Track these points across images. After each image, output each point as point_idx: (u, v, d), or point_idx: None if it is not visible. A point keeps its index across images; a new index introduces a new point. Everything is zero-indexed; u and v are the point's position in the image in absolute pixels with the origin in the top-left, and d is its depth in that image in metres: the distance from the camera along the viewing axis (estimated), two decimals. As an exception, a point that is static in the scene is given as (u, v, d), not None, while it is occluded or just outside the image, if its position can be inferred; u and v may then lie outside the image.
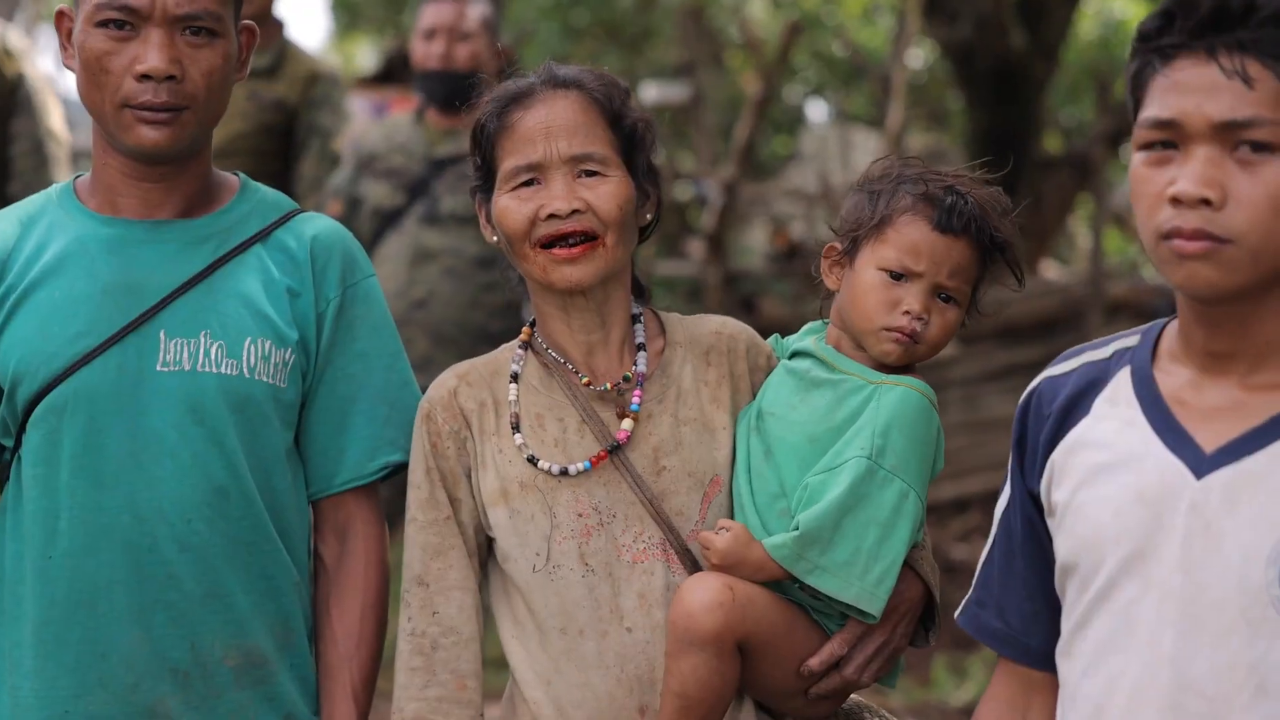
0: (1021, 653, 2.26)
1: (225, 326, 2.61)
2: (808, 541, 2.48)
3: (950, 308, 2.59)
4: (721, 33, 16.62)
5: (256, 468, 2.61)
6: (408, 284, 5.46)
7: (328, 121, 6.05)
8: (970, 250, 2.58)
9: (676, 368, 2.64)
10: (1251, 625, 1.97)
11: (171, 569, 2.58)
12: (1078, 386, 2.18)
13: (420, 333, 5.41)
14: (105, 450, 2.57)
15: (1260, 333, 2.05)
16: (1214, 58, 1.98)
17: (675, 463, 2.58)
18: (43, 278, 2.60)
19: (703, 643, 2.46)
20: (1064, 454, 2.16)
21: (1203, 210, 1.96)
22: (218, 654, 2.61)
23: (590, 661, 2.55)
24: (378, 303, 2.76)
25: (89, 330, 2.58)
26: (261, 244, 2.68)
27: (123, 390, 2.57)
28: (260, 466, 2.62)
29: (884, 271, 2.58)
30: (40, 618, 2.58)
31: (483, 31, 5.66)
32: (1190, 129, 1.98)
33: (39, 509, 2.58)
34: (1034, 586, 2.23)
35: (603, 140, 2.57)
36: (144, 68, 2.54)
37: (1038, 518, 2.21)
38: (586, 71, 2.63)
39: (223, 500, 2.59)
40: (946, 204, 2.57)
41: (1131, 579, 2.06)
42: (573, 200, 2.53)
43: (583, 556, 2.55)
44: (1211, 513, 2.01)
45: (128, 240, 2.63)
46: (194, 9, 2.57)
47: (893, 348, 2.57)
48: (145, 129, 2.57)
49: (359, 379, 2.70)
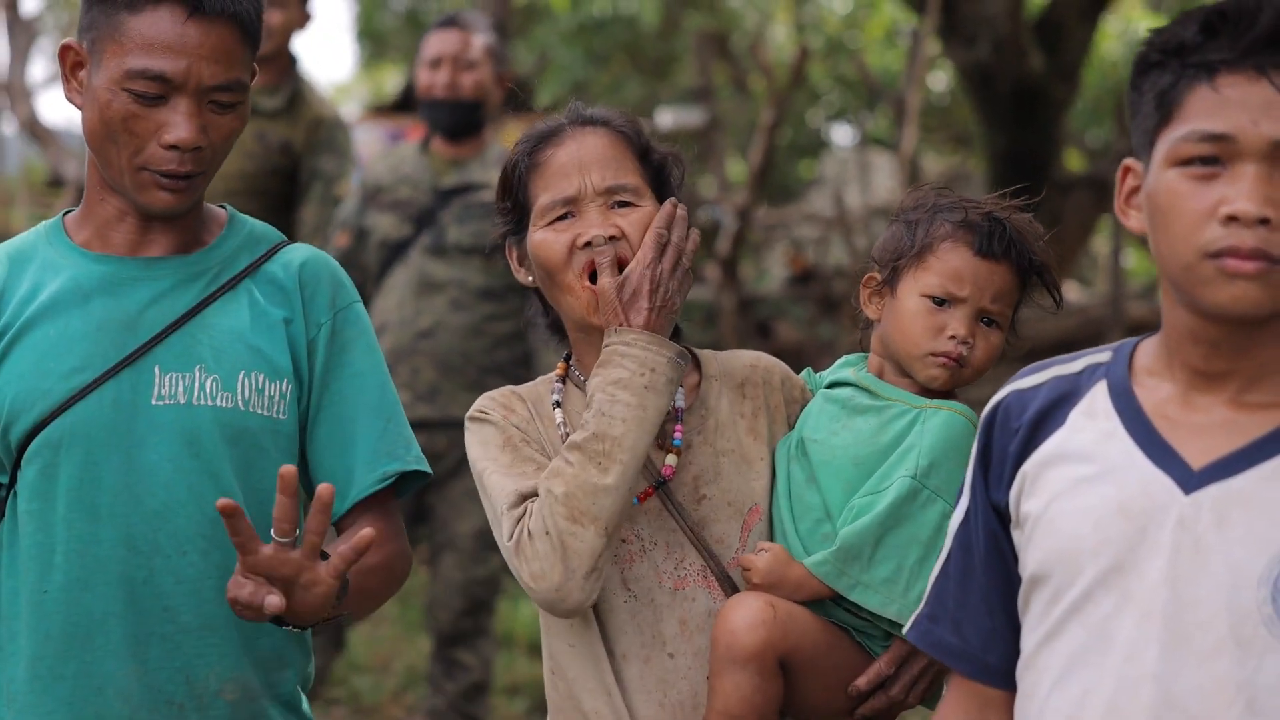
0: (979, 669, 2.23)
1: (219, 360, 2.63)
2: (849, 557, 2.52)
3: (993, 331, 2.63)
4: (744, 58, 16.63)
5: (252, 500, 2.61)
6: (414, 314, 5.49)
7: (330, 166, 6.09)
8: (1011, 274, 2.63)
9: (713, 400, 2.69)
10: (1241, 644, 1.96)
11: (167, 602, 2.60)
12: (1048, 399, 2.17)
13: (427, 362, 5.44)
14: (101, 484, 2.59)
15: (1258, 354, 2.05)
16: (1264, 75, 1.97)
17: (715, 492, 2.63)
18: (38, 316, 2.62)
19: (745, 660, 2.49)
20: (1037, 465, 2.14)
21: (1260, 230, 1.95)
22: (213, 687, 2.63)
23: (633, 686, 2.59)
24: (367, 325, 2.79)
25: (84, 366, 2.60)
26: (252, 277, 2.71)
27: (118, 425, 2.59)
28: (256, 499, 2.62)
29: (927, 298, 2.62)
30: (35, 652, 2.60)
31: (487, 60, 5.70)
32: (1245, 146, 1.96)
33: (34, 544, 2.60)
34: (994, 602, 2.21)
35: (634, 172, 2.64)
36: (174, 139, 2.55)
37: (1001, 531, 2.20)
38: (611, 111, 2.71)
39: (217, 533, 2.57)
40: (986, 230, 2.62)
41: (1109, 592, 2.04)
42: (608, 227, 2.59)
43: (625, 582, 2.61)
44: (1201, 529, 2.00)
45: (121, 277, 2.65)
46: (226, 79, 2.59)
47: (939, 372, 2.62)
48: (162, 194, 2.60)
49: (357, 398, 2.72)
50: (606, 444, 2.50)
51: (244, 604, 2.38)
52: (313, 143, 6.12)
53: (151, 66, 2.54)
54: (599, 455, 2.49)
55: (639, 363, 2.51)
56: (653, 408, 2.51)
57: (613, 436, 2.50)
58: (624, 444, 2.49)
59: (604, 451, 2.49)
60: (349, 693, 6.88)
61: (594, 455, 2.49)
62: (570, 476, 2.49)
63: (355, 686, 6.93)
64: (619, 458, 2.49)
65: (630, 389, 2.50)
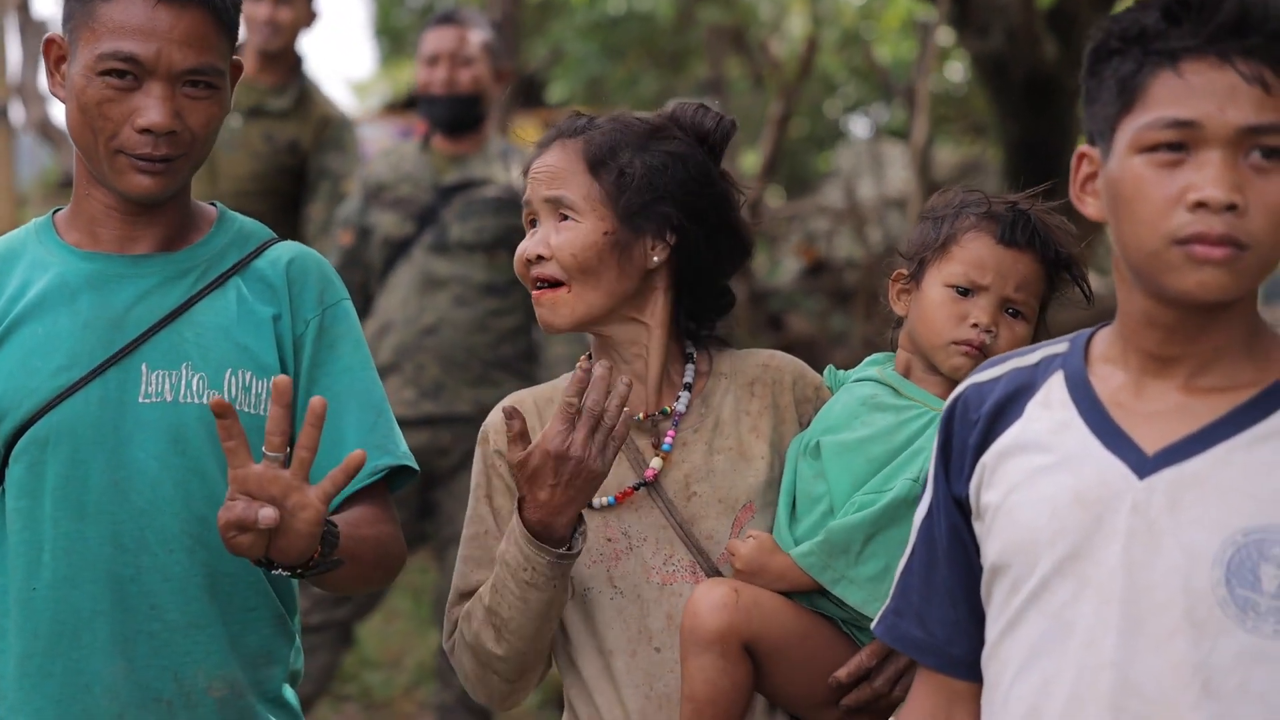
0: (944, 662, 2.23)
1: (206, 358, 2.63)
2: (835, 550, 2.53)
3: (1018, 323, 2.64)
4: (758, 51, 16.62)
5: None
6: (418, 311, 5.50)
7: (337, 165, 6.13)
8: (1035, 265, 2.63)
9: (718, 398, 2.70)
10: (1196, 626, 1.97)
11: (154, 599, 2.60)
12: (1006, 392, 2.17)
13: (431, 359, 5.45)
14: (88, 482, 2.59)
15: (1211, 339, 2.05)
16: (1229, 62, 1.97)
17: (705, 489, 2.65)
18: (26, 314, 2.63)
19: (708, 643, 2.51)
20: (995, 457, 2.15)
21: (1227, 216, 1.95)
22: (201, 684, 2.63)
23: (621, 680, 2.62)
24: (354, 321, 2.79)
25: (71, 364, 2.60)
26: (240, 275, 2.71)
27: (105, 422, 2.59)
28: None
29: (951, 288, 2.64)
30: (24, 650, 2.60)
31: (485, 56, 5.71)
32: (1211, 132, 1.96)
33: (22, 541, 2.60)
34: (958, 595, 2.21)
35: (576, 185, 2.64)
36: (146, 122, 2.55)
37: (962, 523, 2.20)
38: (613, 119, 2.70)
39: (205, 531, 2.60)
40: (1010, 219, 2.63)
41: (1066, 580, 2.05)
42: (540, 246, 2.65)
43: (611, 579, 2.64)
44: (1155, 513, 2.00)
45: (108, 274, 2.65)
46: (198, 63, 2.58)
47: (963, 361, 2.62)
48: (139, 177, 2.59)
49: (346, 393, 2.71)
50: (497, 620, 2.57)
51: (236, 522, 2.34)
52: (320, 141, 6.15)
53: (121, 48, 2.55)
54: (493, 626, 2.59)
55: (524, 557, 2.52)
56: (535, 600, 2.53)
57: (502, 617, 2.57)
58: (510, 626, 2.56)
59: (496, 626, 2.58)
60: (360, 688, 6.90)
61: (490, 623, 2.59)
62: (474, 631, 2.61)
63: (367, 682, 6.95)
64: (506, 636, 2.57)
65: (515, 578, 2.53)
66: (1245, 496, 1.99)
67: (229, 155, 6.10)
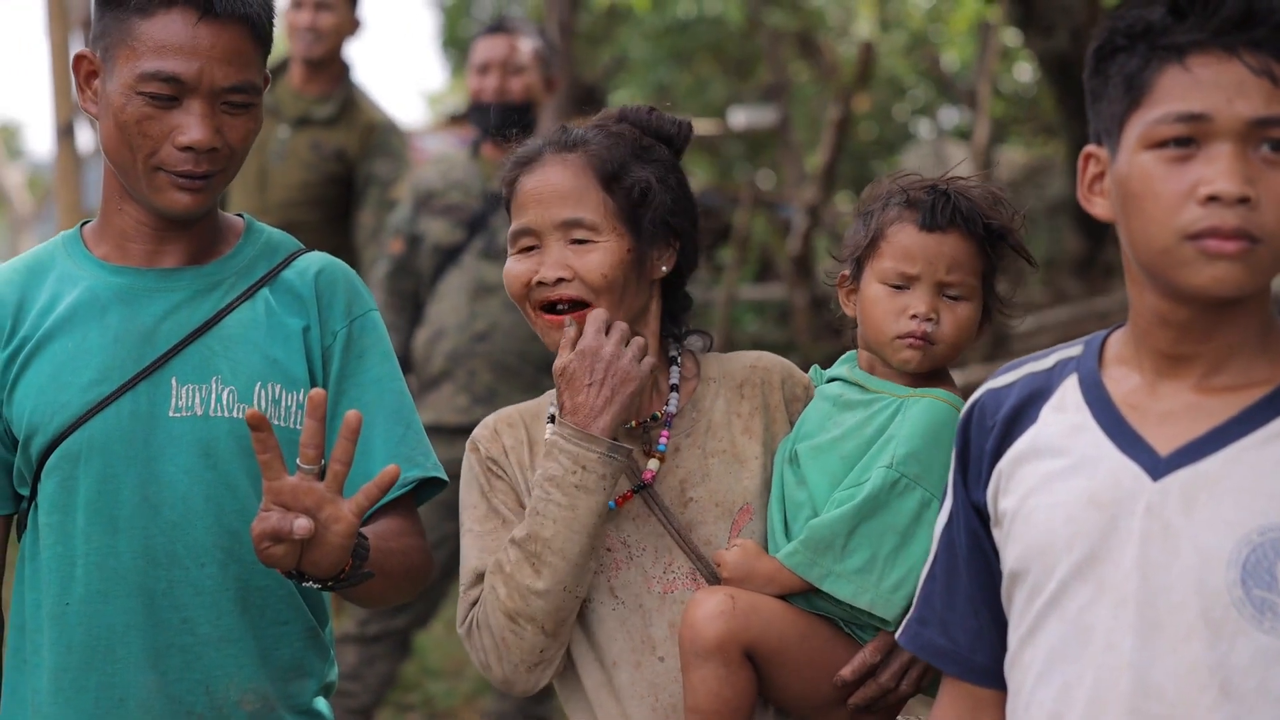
0: (968, 670, 2.23)
1: (236, 371, 2.63)
2: (820, 547, 2.51)
3: (959, 304, 2.61)
4: (827, 55, 16.58)
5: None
6: (469, 318, 5.49)
7: (385, 170, 6.13)
8: (964, 243, 2.60)
9: (708, 402, 2.69)
10: (1212, 627, 1.95)
11: (186, 613, 2.60)
12: (1021, 397, 2.16)
13: (483, 365, 5.44)
14: (119, 496, 2.59)
15: (1224, 336, 2.03)
16: (1236, 56, 1.95)
17: (702, 494, 2.63)
18: (56, 329, 2.63)
19: (708, 653, 2.49)
20: (1011, 462, 2.13)
21: (1239, 209, 1.93)
22: (233, 697, 2.63)
23: (625, 692, 2.59)
24: (383, 332, 2.79)
25: (102, 378, 2.60)
26: (268, 287, 2.70)
27: (136, 436, 2.60)
28: None
29: (885, 284, 2.62)
30: (58, 664, 2.61)
31: (535, 64, 5.70)
32: (1221, 125, 1.95)
33: (55, 556, 2.61)
34: (979, 602, 2.20)
35: (593, 205, 2.62)
36: (188, 140, 2.55)
37: (982, 530, 2.19)
38: (599, 128, 2.69)
39: (236, 544, 2.61)
40: (929, 203, 2.60)
41: (1084, 584, 2.03)
42: (559, 269, 2.60)
43: (612, 590, 2.61)
44: (1169, 514, 1.99)
45: (138, 289, 2.66)
46: (239, 80, 2.58)
47: (910, 354, 2.60)
48: (179, 194, 2.60)
49: (375, 404, 2.71)
50: (538, 545, 2.51)
51: (271, 533, 2.33)
52: (367, 148, 6.16)
53: (164, 68, 2.54)
54: (531, 557, 2.51)
55: (571, 459, 2.51)
56: (584, 508, 2.51)
57: (543, 538, 2.51)
58: (554, 546, 2.50)
59: (535, 553, 2.51)
60: (423, 698, 6.91)
61: (528, 556, 2.52)
62: (507, 577, 2.53)
63: (429, 692, 6.95)
64: (549, 560, 2.51)
65: (561, 487, 2.51)
66: (1260, 496, 1.96)
67: (277, 165, 6.13)
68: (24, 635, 2.65)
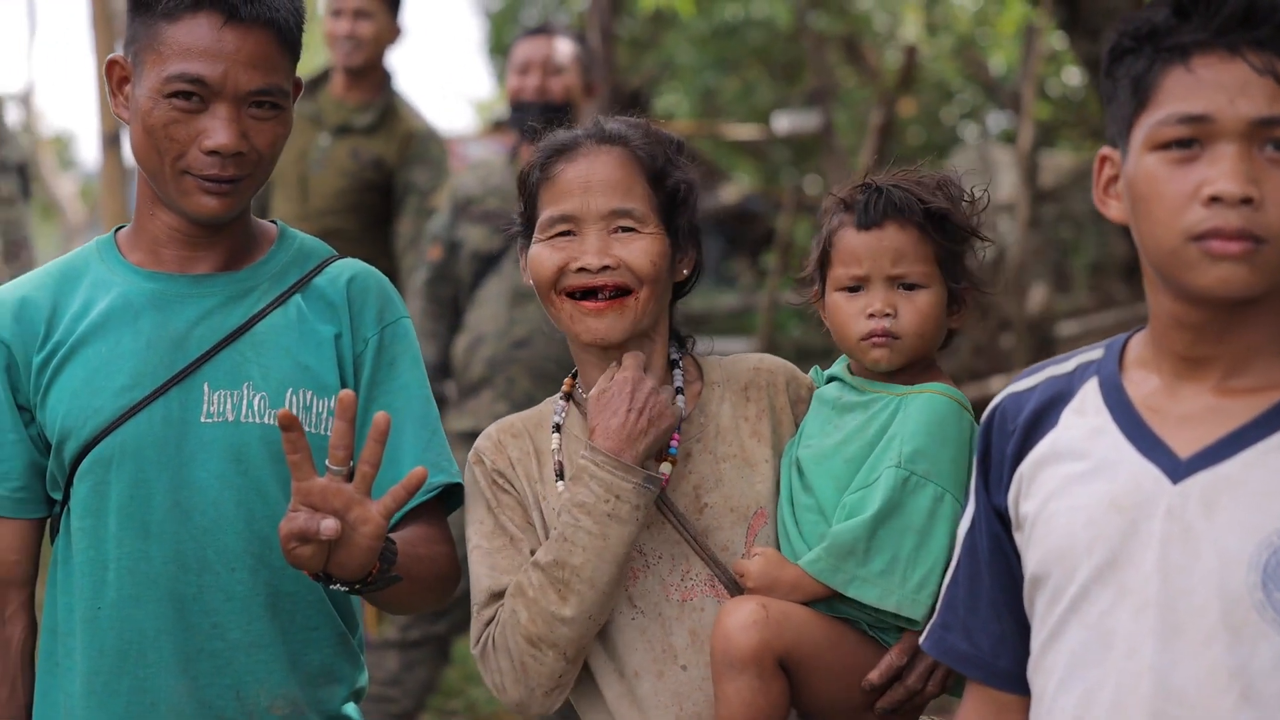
0: (991, 675, 2.22)
1: (267, 377, 2.64)
2: (842, 553, 2.50)
3: (917, 293, 2.62)
4: (873, 59, 16.51)
5: None
6: (509, 324, 5.49)
7: (424, 179, 6.14)
8: (903, 233, 2.61)
9: (714, 406, 2.68)
10: (1233, 630, 1.94)
11: (216, 618, 2.62)
12: (1041, 401, 2.16)
13: (523, 372, 5.44)
14: (151, 501, 2.60)
15: (1242, 338, 2.02)
16: (1239, 55, 1.95)
17: (716, 499, 2.62)
18: (89, 334, 2.65)
19: (743, 664, 2.48)
20: (1032, 466, 2.13)
21: (1243, 209, 1.93)
22: (263, 702, 2.64)
23: (648, 703, 2.57)
24: (413, 340, 2.79)
25: (134, 384, 2.62)
26: (301, 293, 2.71)
27: (168, 442, 2.61)
28: None
29: (841, 290, 2.65)
30: (90, 668, 2.63)
31: (575, 66, 5.72)
32: (1223, 126, 1.95)
33: (87, 560, 2.62)
34: (1002, 606, 2.19)
35: (641, 197, 2.63)
36: (214, 144, 2.56)
37: (1004, 534, 2.18)
38: (635, 127, 2.69)
39: (266, 550, 2.61)
40: (863, 202, 2.63)
41: (1105, 588, 2.03)
42: (604, 256, 2.59)
43: (630, 599, 2.59)
44: (1189, 518, 1.98)
45: (170, 294, 2.67)
46: (265, 84, 2.59)
47: (878, 353, 2.62)
48: (205, 198, 2.60)
49: (404, 410, 2.71)
50: (565, 573, 2.49)
51: (299, 533, 2.34)
52: (406, 156, 6.17)
53: (189, 70, 2.56)
54: (558, 583, 2.50)
55: (604, 487, 2.49)
56: (615, 537, 2.50)
57: (572, 565, 2.49)
58: (583, 574, 2.49)
59: (563, 580, 2.49)
60: (466, 704, 6.92)
61: (554, 581, 2.50)
62: (530, 601, 2.51)
63: (472, 697, 6.96)
64: (577, 588, 2.49)
65: (593, 515, 2.49)
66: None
67: (318, 173, 6.15)
68: (56, 638, 2.67)
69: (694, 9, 15.35)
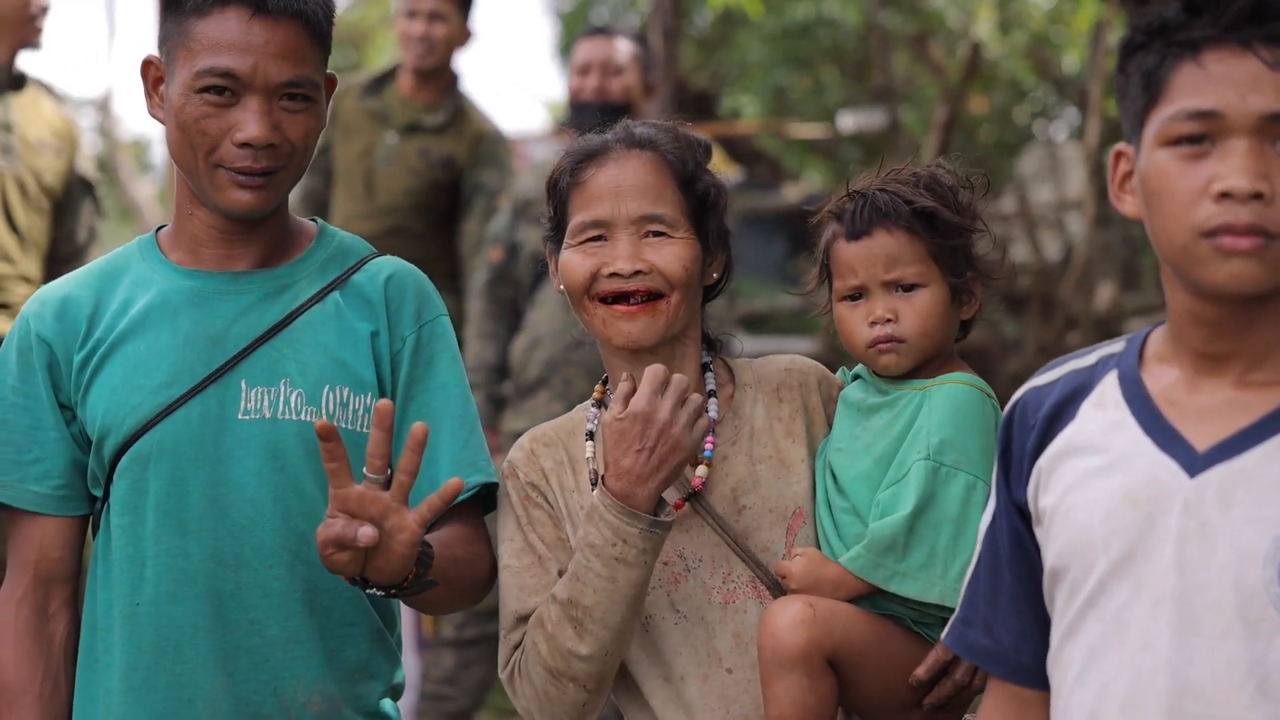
0: (1012, 671, 2.20)
1: (304, 374, 2.65)
2: (881, 549, 2.50)
3: (916, 294, 2.61)
4: (945, 57, 16.44)
5: None
6: (565, 325, 5.51)
7: (492, 180, 6.17)
8: (892, 236, 2.61)
9: (748, 408, 2.68)
10: (1249, 625, 1.93)
11: (254, 614, 2.63)
12: (1062, 394, 2.14)
13: (580, 373, 5.44)
14: (189, 498, 2.62)
15: (1260, 333, 2.01)
16: (1250, 50, 1.94)
17: (754, 500, 2.62)
18: (129, 332, 2.67)
19: (792, 663, 2.48)
20: (1050, 460, 2.12)
21: (1254, 205, 1.92)
22: (300, 698, 2.65)
23: (695, 706, 2.57)
24: (451, 338, 2.80)
25: (172, 381, 2.63)
26: (339, 290, 2.72)
27: (205, 439, 2.62)
28: None
29: (843, 301, 2.66)
30: (128, 664, 2.65)
31: (635, 67, 5.73)
32: (1233, 121, 1.94)
33: (125, 557, 2.64)
34: (1022, 602, 2.18)
35: (671, 202, 2.63)
36: (245, 136, 2.58)
37: (1024, 529, 2.17)
38: (664, 132, 2.70)
39: (303, 546, 2.62)
40: (851, 211, 2.64)
41: (1122, 582, 2.01)
42: (636, 261, 2.60)
43: (673, 604, 2.59)
44: (1206, 511, 1.96)
45: (208, 292, 2.68)
46: (294, 76, 2.61)
47: (887, 359, 2.63)
48: (239, 192, 2.62)
49: (441, 410, 2.72)
50: (579, 612, 2.49)
51: (335, 539, 2.36)
52: (475, 157, 6.20)
53: (219, 64, 2.57)
54: (573, 621, 2.50)
55: (612, 531, 2.48)
56: (623, 580, 2.48)
57: (584, 606, 2.49)
58: (594, 615, 2.48)
59: (577, 619, 2.49)
60: (524, 703, 6.91)
61: (570, 619, 2.50)
62: (549, 635, 2.51)
63: (531, 696, 6.95)
64: (590, 628, 2.48)
65: (601, 558, 2.48)
66: None
67: (385, 170, 6.19)
68: (96, 634, 2.69)
69: (762, 9, 15.35)
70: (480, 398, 5.64)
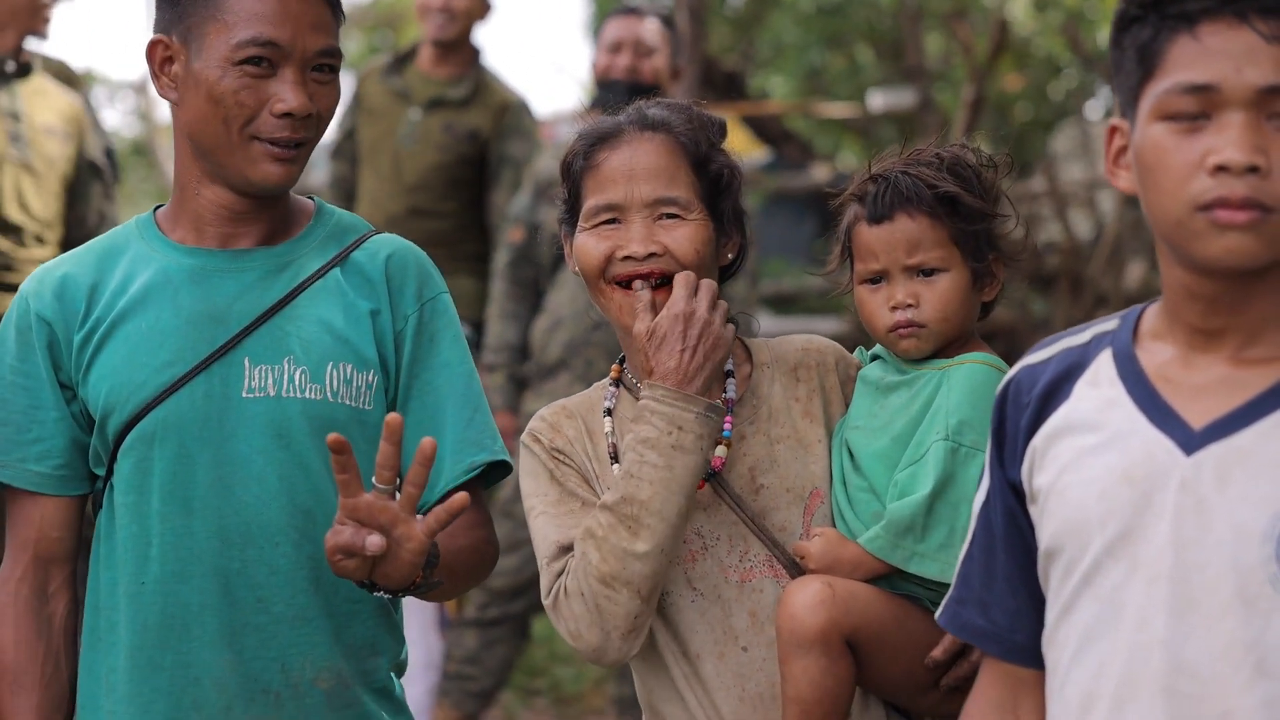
0: (1007, 650, 2.19)
1: (308, 352, 2.65)
2: (900, 529, 2.50)
3: (938, 278, 2.59)
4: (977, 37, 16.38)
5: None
6: (587, 306, 5.47)
7: (519, 151, 6.16)
8: (914, 221, 2.59)
9: (765, 388, 2.68)
10: (1247, 604, 1.91)
11: (260, 593, 2.64)
12: (1056, 372, 2.12)
13: (600, 354, 5.44)
14: (194, 477, 2.63)
15: (1255, 308, 1.99)
16: (1246, 22, 1.91)
17: (772, 480, 2.62)
18: (129, 310, 2.67)
19: (810, 643, 2.47)
20: (1045, 439, 2.10)
21: (1249, 179, 1.90)
22: (308, 675, 2.66)
23: (711, 684, 2.58)
24: (454, 316, 2.80)
25: (176, 359, 2.64)
26: (339, 267, 2.72)
27: (209, 417, 2.63)
28: None
29: (864, 284, 2.64)
30: (134, 642, 2.65)
31: (665, 47, 5.72)
32: (1229, 94, 1.91)
33: (130, 536, 2.65)
34: (1017, 581, 2.16)
35: (684, 184, 2.63)
36: (286, 107, 2.59)
37: (1018, 508, 2.15)
38: (678, 113, 2.69)
39: (309, 523, 2.63)
40: (872, 195, 2.61)
41: (1118, 561, 1.99)
42: (649, 244, 2.60)
43: (689, 581, 2.60)
44: (1203, 490, 1.94)
45: (210, 270, 2.69)
46: (327, 45, 2.64)
47: (907, 344, 2.61)
48: (272, 165, 2.63)
49: (445, 388, 2.73)
50: (634, 508, 2.48)
51: (344, 547, 2.38)
52: (500, 128, 6.21)
53: (262, 34, 2.59)
54: (628, 519, 2.48)
55: (666, 420, 2.49)
56: (681, 467, 2.48)
57: (640, 500, 2.48)
58: (651, 507, 2.47)
59: (633, 516, 2.48)
60: (550, 683, 6.95)
61: (624, 519, 2.48)
62: (600, 541, 2.49)
63: (557, 677, 6.99)
64: (647, 522, 2.47)
65: (657, 449, 2.48)
66: None
67: (410, 148, 6.19)
68: (99, 614, 2.70)
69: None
70: (502, 378, 5.65)
